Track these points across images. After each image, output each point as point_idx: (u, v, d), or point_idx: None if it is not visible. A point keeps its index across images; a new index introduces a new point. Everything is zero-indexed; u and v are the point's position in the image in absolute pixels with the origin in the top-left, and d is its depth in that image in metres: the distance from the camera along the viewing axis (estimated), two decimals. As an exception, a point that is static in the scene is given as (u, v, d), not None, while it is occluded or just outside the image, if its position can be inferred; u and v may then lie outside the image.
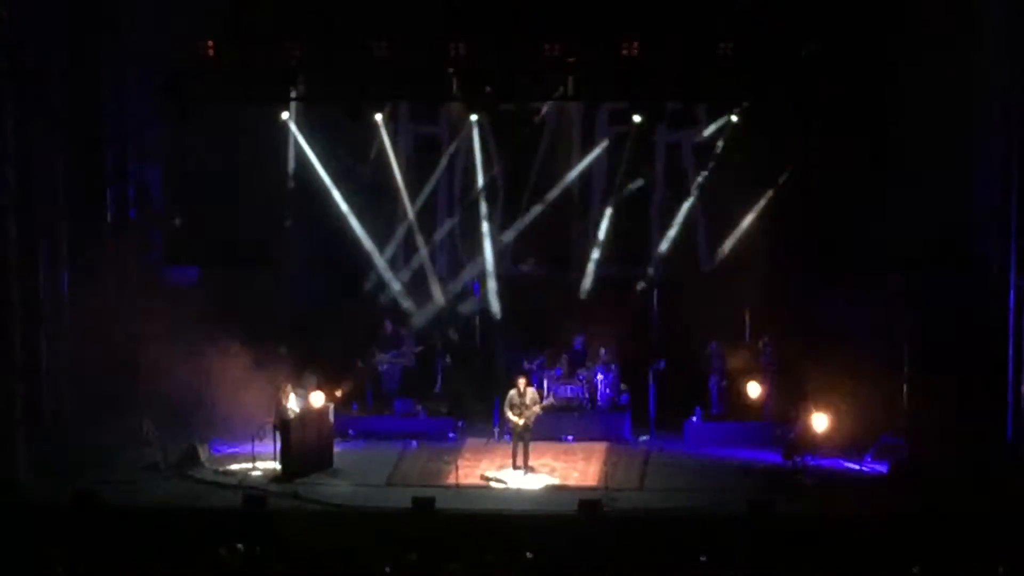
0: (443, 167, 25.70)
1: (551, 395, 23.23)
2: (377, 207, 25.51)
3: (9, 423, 21.12)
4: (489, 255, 25.55)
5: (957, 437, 21.33)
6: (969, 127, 23.14)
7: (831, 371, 21.98)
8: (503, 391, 21.92)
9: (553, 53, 22.50)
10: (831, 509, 19.58)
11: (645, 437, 23.32)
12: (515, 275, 25.72)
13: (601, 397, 23.78)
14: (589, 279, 25.46)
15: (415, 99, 24.93)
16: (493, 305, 25.61)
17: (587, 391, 23.73)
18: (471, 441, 23.21)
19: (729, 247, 25.04)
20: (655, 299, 24.62)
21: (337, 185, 25.19)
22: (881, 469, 21.34)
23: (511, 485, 20.88)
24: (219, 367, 22.27)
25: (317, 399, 21.97)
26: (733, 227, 24.98)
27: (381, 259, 25.66)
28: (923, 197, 23.13)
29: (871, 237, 23.71)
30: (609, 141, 25.18)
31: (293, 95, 23.81)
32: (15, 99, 21.28)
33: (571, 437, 23.26)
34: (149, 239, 24.81)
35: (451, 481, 20.59)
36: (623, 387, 23.95)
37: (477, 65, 22.78)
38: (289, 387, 21.55)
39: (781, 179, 24.53)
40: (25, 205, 21.50)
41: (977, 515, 18.87)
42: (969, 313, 22.52)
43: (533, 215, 25.42)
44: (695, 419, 23.49)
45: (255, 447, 21.49)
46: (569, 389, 23.69)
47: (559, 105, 24.75)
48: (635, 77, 22.64)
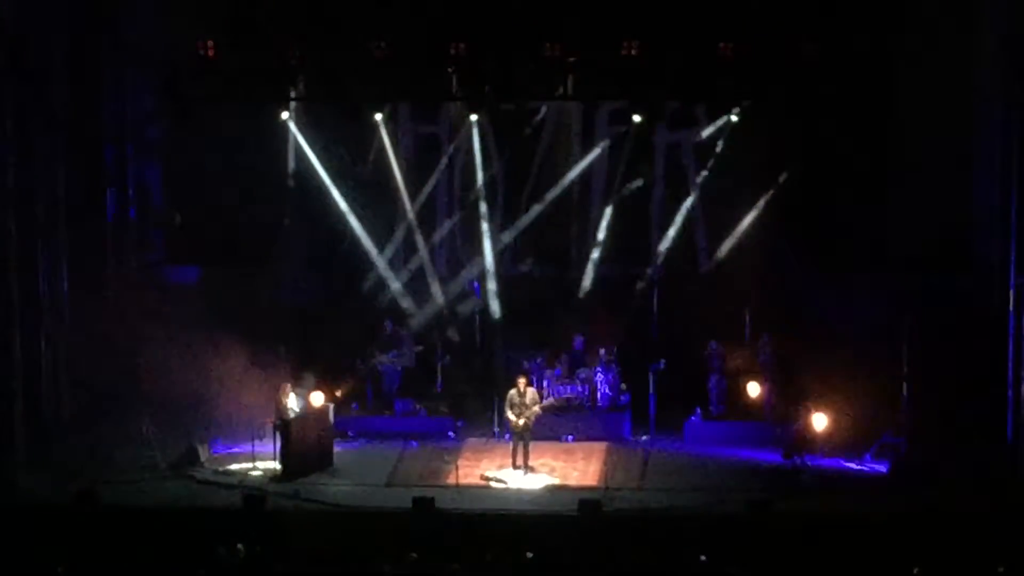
0: (443, 167, 25.68)
1: (551, 395, 23.27)
2: (377, 207, 25.49)
3: (9, 423, 21.14)
4: (489, 255, 25.52)
5: (957, 437, 21.35)
6: (969, 127, 23.16)
7: (831, 371, 21.98)
8: (503, 391, 21.93)
9: (553, 53, 22.53)
10: (831, 509, 19.56)
11: (645, 437, 23.32)
12: (515, 275, 25.70)
13: (601, 397, 23.75)
14: (589, 279, 25.44)
15: (415, 99, 24.94)
16: (493, 305, 25.58)
17: (587, 391, 23.72)
18: (471, 441, 23.20)
19: (729, 247, 25.01)
20: (655, 299, 24.63)
21: (337, 185, 25.18)
22: (881, 469, 21.32)
23: (511, 485, 20.86)
24: (219, 367, 22.25)
25: (317, 399, 21.98)
26: (733, 227, 24.96)
27: (381, 259, 25.66)
28: (923, 197, 23.16)
29: (871, 237, 23.74)
30: (609, 141, 25.17)
31: (293, 95, 23.85)
32: (15, 99, 21.29)
33: (571, 437, 23.25)
34: (149, 239, 24.82)
35: (451, 481, 20.57)
36: (623, 387, 23.92)
37: (477, 65, 22.82)
38: (289, 387, 21.54)
39: (781, 179, 24.54)
40: (25, 205, 21.50)
41: (977, 515, 18.86)
42: (969, 313, 22.53)
43: (533, 215, 25.40)
44: (695, 419, 23.48)
45: (255, 447, 21.49)
46: (569, 389, 23.67)
47: (559, 105, 24.74)
48: (635, 77, 22.68)
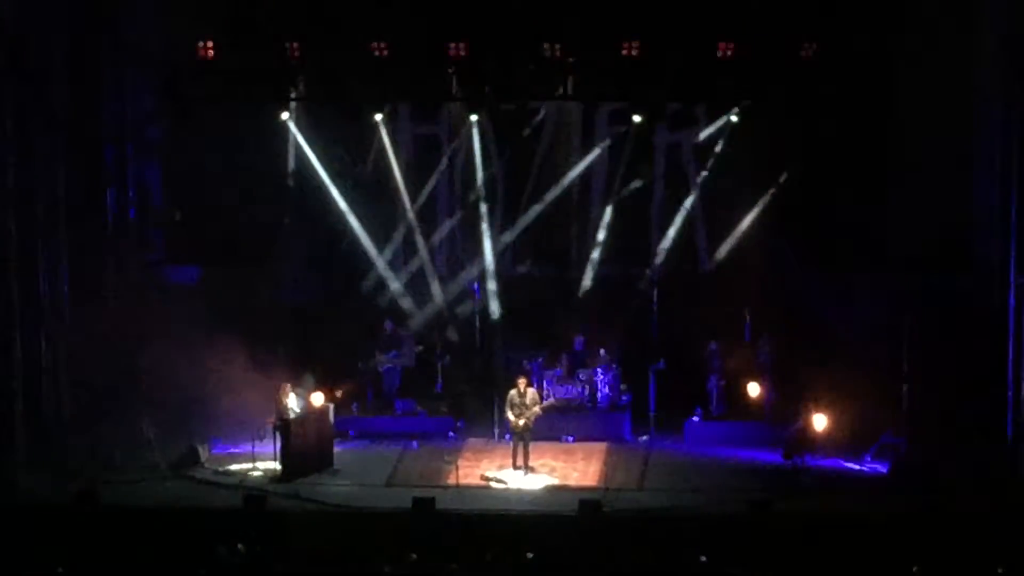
0: (443, 167, 25.69)
1: (551, 396, 23.26)
2: (377, 207, 25.49)
3: (9, 423, 21.13)
4: (489, 255, 25.52)
5: (957, 437, 21.34)
6: (969, 127, 23.14)
7: (831, 371, 21.97)
8: (503, 391, 21.92)
9: (553, 53, 22.55)
10: (831, 509, 19.57)
11: (645, 437, 23.31)
12: (515, 275, 25.71)
13: (601, 397, 23.74)
14: (589, 279, 25.45)
15: (415, 99, 24.94)
16: (493, 305, 25.58)
17: (587, 391, 23.71)
18: (471, 441, 23.20)
19: (729, 247, 25.03)
20: (655, 299, 24.63)
21: (337, 185, 25.18)
22: (881, 469, 21.33)
23: (511, 485, 20.86)
24: (219, 367, 22.24)
25: (317, 399, 21.98)
26: (733, 227, 24.97)
27: (381, 259, 25.66)
28: (923, 197, 23.14)
29: (871, 237, 23.74)
30: (609, 141, 25.16)
31: (293, 95, 23.86)
32: (15, 99, 21.28)
33: (571, 437, 23.24)
34: (149, 239, 24.81)
35: (451, 481, 20.56)
36: (623, 387, 23.93)
37: (477, 65, 22.83)
38: (289, 387, 21.54)
39: (781, 179, 24.54)
40: (25, 205, 21.49)
41: (977, 515, 18.86)
42: (969, 313, 22.51)
43: (533, 215, 25.41)
44: (695, 419, 23.48)
45: (255, 447, 21.48)
46: (569, 389, 23.67)
47: (559, 105, 24.75)
48: (635, 77, 22.71)
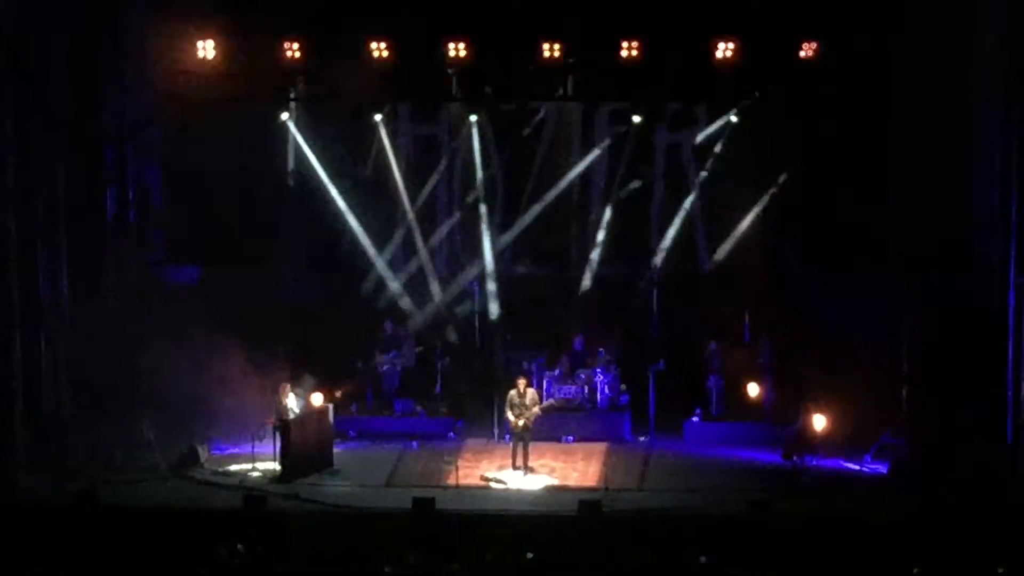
0: (443, 167, 25.69)
1: (551, 396, 23.25)
2: (377, 207, 25.50)
3: (9, 423, 21.13)
4: (488, 255, 25.52)
5: (957, 437, 21.33)
6: (969, 127, 23.14)
7: (831, 371, 21.99)
8: (503, 391, 21.92)
9: (553, 53, 22.55)
10: (831, 509, 19.56)
11: (644, 438, 23.30)
12: (515, 275, 25.71)
13: (601, 397, 23.73)
14: (588, 279, 25.45)
15: (415, 99, 24.95)
16: (492, 305, 25.58)
17: (587, 391, 23.70)
18: (471, 441, 23.19)
19: (729, 247, 25.03)
20: (655, 299, 24.63)
21: (336, 185, 25.18)
22: (881, 469, 21.32)
23: (511, 485, 20.85)
24: (219, 367, 22.24)
25: (317, 399, 21.97)
26: (733, 227, 24.97)
27: (380, 259, 25.66)
28: (923, 197, 23.13)
29: (871, 237, 23.74)
30: (609, 141, 25.16)
31: (293, 95, 23.84)
32: (15, 99, 21.28)
33: (571, 437, 23.23)
34: (149, 239, 24.81)
35: (451, 481, 20.55)
36: (623, 387, 23.92)
37: (477, 65, 22.83)
38: (289, 387, 21.53)
39: (781, 179, 24.53)
40: (25, 205, 21.49)
41: (977, 515, 18.85)
42: (969, 313, 22.51)
43: (533, 215, 25.41)
44: (695, 419, 23.48)
45: (255, 447, 21.48)
46: (569, 389, 23.66)
47: (559, 105, 24.75)
48: (635, 77, 22.71)
